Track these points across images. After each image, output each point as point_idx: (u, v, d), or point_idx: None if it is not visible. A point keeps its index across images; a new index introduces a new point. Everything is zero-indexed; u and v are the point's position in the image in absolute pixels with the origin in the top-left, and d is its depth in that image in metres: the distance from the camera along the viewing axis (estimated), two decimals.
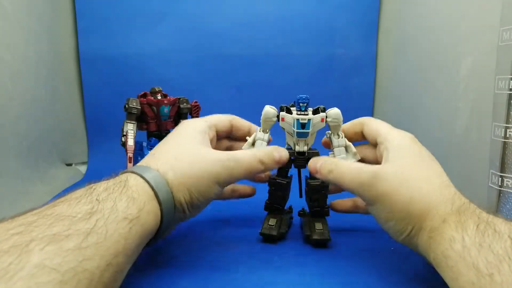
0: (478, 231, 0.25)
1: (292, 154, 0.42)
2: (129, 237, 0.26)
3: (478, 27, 0.46)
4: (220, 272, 0.34)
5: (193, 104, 0.59)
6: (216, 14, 0.79)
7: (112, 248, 0.25)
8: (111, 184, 0.29)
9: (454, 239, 0.26)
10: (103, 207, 0.26)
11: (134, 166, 0.34)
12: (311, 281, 0.33)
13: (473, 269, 0.23)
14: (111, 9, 0.76)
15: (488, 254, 0.23)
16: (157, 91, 0.56)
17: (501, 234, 0.24)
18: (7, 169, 0.50)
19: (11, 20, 0.54)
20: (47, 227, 0.22)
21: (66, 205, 0.25)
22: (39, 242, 0.21)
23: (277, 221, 0.42)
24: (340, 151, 0.41)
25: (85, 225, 0.24)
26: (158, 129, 0.57)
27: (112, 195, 0.28)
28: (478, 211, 0.27)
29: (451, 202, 0.29)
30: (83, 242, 0.23)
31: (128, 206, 0.27)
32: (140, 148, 0.55)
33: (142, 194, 0.30)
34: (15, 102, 0.54)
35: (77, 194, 0.27)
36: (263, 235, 0.41)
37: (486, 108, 0.43)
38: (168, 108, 0.55)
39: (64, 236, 0.22)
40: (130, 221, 0.27)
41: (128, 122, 0.53)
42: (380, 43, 0.82)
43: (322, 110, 0.41)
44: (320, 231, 0.40)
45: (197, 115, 0.60)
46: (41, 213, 0.24)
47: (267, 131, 0.43)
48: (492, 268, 0.22)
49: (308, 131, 0.40)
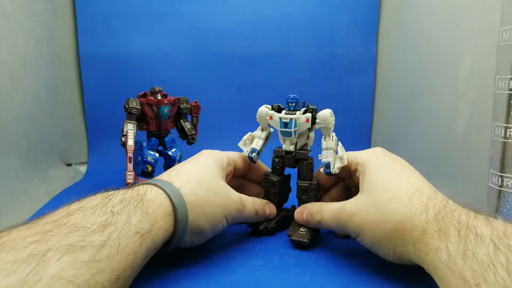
0: (460, 237, 0.25)
1: (282, 153, 0.43)
2: (139, 251, 0.27)
3: (478, 27, 0.46)
4: (220, 272, 0.34)
5: (193, 104, 0.59)
6: (216, 14, 0.79)
7: (123, 262, 0.25)
8: (127, 196, 0.29)
9: (439, 249, 0.26)
10: (117, 220, 0.26)
11: (156, 179, 0.34)
12: (311, 281, 0.33)
13: (460, 279, 0.23)
14: (111, 9, 0.76)
15: (473, 262, 0.23)
16: (157, 91, 0.56)
17: (483, 237, 0.24)
18: (7, 169, 0.50)
19: (11, 20, 0.54)
20: (62, 236, 0.23)
21: (81, 215, 0.25)
22: (55, 252, 0.21)
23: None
24: (327, 154, 0.40)
25: (99, 237, 0.24)
26: (158, 129, 0.57)
27: (127, 208, 0.28)
28: (457, 214, 0.27)
29: (424, 211, 0.29)
30: (96, 255, 0.23)
31: (141, 220, 0.28)
32: (140, 148, 0.55)
33: (158, 209, 0.30)
34: (15, 102, 0.54)
35: (92, 202, 0.27)
36: (251, 227, 0.44)
37: (486, 108, 0.43)
38: (168, 108, 0.55)
39: (79, 247, 0.23)
40: (141, 236, 0.27)
41: (128, 122, 0.53)
42: (380, 43, 0.82)
43: (311, 111, 0.41)
44: (302, 233, 0.40)
45: (197, 115, 0.60)
46: (56, 222, 0.24)
47: (265, 129, 0.45)
48: (478, 277, 0.22)
49: (290, 130, 0.41)
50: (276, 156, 0.44)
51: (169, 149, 0.57)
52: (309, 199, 0.42)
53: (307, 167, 0.42)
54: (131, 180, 0.52)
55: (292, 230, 0.41)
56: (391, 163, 0.36)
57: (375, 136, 0.84)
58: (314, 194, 0.42)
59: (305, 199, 0.42)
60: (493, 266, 0.22)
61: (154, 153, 0.55)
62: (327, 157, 0.40)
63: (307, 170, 0.42)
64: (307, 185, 0.42)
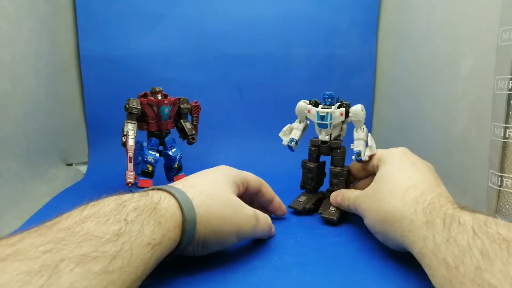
0: (445, 226, 0.28)
1: (318, 142, 0.50)
2: (149, 262, 0.27)
3: (478, 27, 0.46)
4: (220, 272, 0.34)
5: (193, 104, 0.59)
6: (216, 14, 0.79)
7: (134, 273, 0.25)
8: (141, 204, 0.29)
9: (426, 238, 0.29)
10: (131, 229, 0.26)
11: (171, 186, 0.34)
12: (311, 281, 0.33)
13: (443, 264, 0.26)
14: (111, 9, 0.76)
15: (454, 248, 0.26)
16: (158, 91, 0.56)
17: (465, 225, 0.27)
18: (7, 169, 0.50)
19: (12, 20, 0.54)
20: (75, 246, 0.23)
21: (95, 223, 0.25)
22: (68, 262, 0.21)
23: (306, 198, 0.51)
24: (358, 144, 0.47)
25: (112, 247, 0.24)
26: (158, 129, 0.57)
27: (140, 217, 0.28)
28: (445, 208, 0.30)
29: (414, 204, 0.33)
30: (109, 266, 0.23)
31: (153, 231, 0.28)
32: (140, 148, 0.55)
33: (170, 219, 0.30)
34: (15, 102, 0.54)
35: (106, 208, 0.27)
36: (291, 207, 0.50)
37: (485, 108, 0.43)
38: (169, 108, 0.55)
39: (92, 257, 0.23)
40: (152, 247, 0.27)
41: (129, 122, 0.53)
42: (380, 43, 0.82)
43: (345, 106, 0.48)
44: (332, 211, 0.47)
45: (197, 115, 0.60)
46: (69, 230, 0.24)
47: (303, 121, 0.52)
48: (458, 260, 0.25)
49: (327, 122, 0.48)
50: (312, 145, 0.51)
51: (170, 149, 0.57)
52: (339, 183, 0.49)
53: (340, 155, 0.49)
54: (132, 180, 0.52)
55: (323, 209, 0.47)
56: (404, 161, 0.40)
57: (375, 136, 0.83)
58: (344, 179, 0.49)
59: (336, 183, 0.50)
60: (470, 250, 0.25)
61: (155, 153, 0.56)
62: (358, 146, 0.47)
63: (339, 158, 0.49)
64: (338, 171, 0.49)
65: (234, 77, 0.81)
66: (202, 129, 0.62)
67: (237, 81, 0.81)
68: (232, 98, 0.81)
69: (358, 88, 0.83)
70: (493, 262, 0.23)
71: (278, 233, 0.43)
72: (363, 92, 0.84)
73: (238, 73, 0.81)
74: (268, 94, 0.60)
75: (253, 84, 0.81)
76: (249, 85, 0.81)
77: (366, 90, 0.84)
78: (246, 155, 0.76)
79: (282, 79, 0.81)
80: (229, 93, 0.81)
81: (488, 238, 0.24)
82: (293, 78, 0.81)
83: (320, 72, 0.82)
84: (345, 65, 0.83)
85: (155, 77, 0.78)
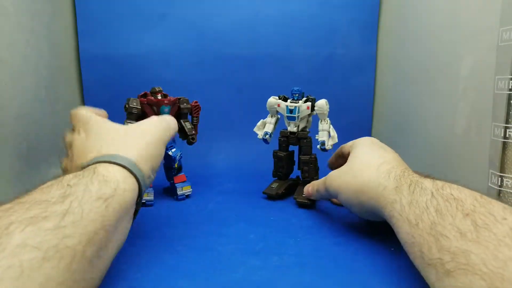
0: (410, 191, 0.32)
1: (287, 133, 0.57)
2: (106, 214, 0.28)
3: (478, 27, 0.46)
4: (220, 272, 0.34)
5: (193, 104, 0.59)
6: (216, 14, 0.79)
7: (90, 225, 0.26)
8: (80, 173, 0.30)
9: (395, 201, 0.33)
10: (76, 190, 0.27)
11: (94, 158, 0.34)
12: (311, 281, 0.33)
13: (407, 222, 0.31)
14: (111, 9, 0.76)
15: (415, 208, 0.30)
16: (157, 91, 0.56)
17: (426, 190, 0.31)
18: (7, 169, 0.50)
19: (12, 20, 0.54)
20: (24, 211, 0.23)
21: (39, 193, 0.26)
22: (18, 224, 0.22)
23: (278, 184, 0.56)
24: (323, 134, 0.54)
25: (60, 207, 0.25)
26: None
27: (82, 180, 0.29)
28: (411, 176, 0.35)
29: (387, 173, 0.37)
30: (61, 222, 0.24)
31: (100, 188, 0.29)
32: None
33: (115, 175, 0.31)
34: (15, 102, 0.54)
35: (47, 184, 0.28)
36: (265, 193, 0.55)
37: (486, 108, 0.43)
38: (168, 108, 0.55)
39: (41, 217, 0.23)
40: (105, 200, 0.28)
41: (128, 122, 0.53)
42: (380, 43, 0.82)
43: (311, 100, 0.54)
44: (305, 196, 0.51)
45: (197, 115, 0.60)
46: (15, 201, 0.25)
47: (274, 115, 0.58)
48: (417, 218, 0.30)
49: (295, 115, 0.54)
50: (282, 136, 0.57)
51: (169, 149, 0.57)
52: (309, 170, 0.55)
53: (307, 144, 0.55)
54: None
55: (297, 194, 0.53)
56: (374, 144, 0.45)
57: (375, 136, 0.83)
58: (314, 165, 0.55)
59: (307, 170, 0.55)
60: (428, 209, 0.29)
61: None
62: (322, 136, 0.54)
63: (307, 147, 0.55)
64: (307, 158, 0.55)
65: (234, 77, 0.81)
66: (202, 129, 0.62)
67: (237, 81, 0.81)
68: (232, 98, 0.81)
69: (358, 88, 0.83)
70: (444, 217, 0.27)
71: (278, 233, 0.43)
72: (363, 92, 0.84)
73: (238, 73, 0.81)
74: (268, 94, 0.60)
75: (253, 84, 0.81)
76: (249, 85, 0.81)
77: (366, 90, 0.84)
78: (246, 155, 0.76)
79: (282, 79, 0.81)
80: (229, 93, 0.81)
81: (442, 198, 0.29)
82: (293, 78, 0.81)
83: (320, 72, 0.82)
84: (345, 65, 0.83)
85: (155, 77, 0.78)
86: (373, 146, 0.44)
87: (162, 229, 0.44)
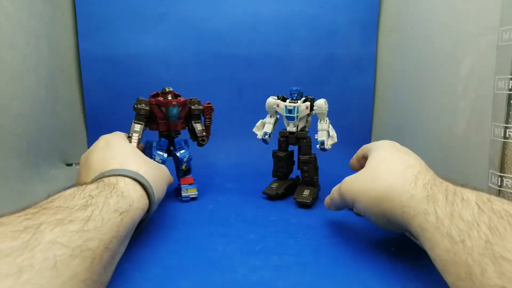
0: (448, 201, 0.28)
1: (286, 133, 0.56)
2: (120, 226, 0.30)
3: (478, 27, 0.46)
4: (220, 272, 0.34)
5: (205, 106, 0.57)
6: (216, 14, 0.79)
7: (108, 233, 0.28)
8: (101, 185, 0.32)
9: (427, 212, 0.29)
10: (97, 201, 0.29)
11: (116, 170, 0.37)
12: (311, 281, 0.33)
13: (447, 237, 0.26)
14: (111, 9, 0.76)
15: (458, 222, 0.26)
16: (168, 91, 0.54)
17: (469, 201, 0.27)
18: (7, 169, 0.50)
19: (12, 20, 0.54)
20: (51, 214, 0.25)
21: (63, 200, 0.28)
22: (47, 225, 0.24)
23: (278, 185, 0.56)
24: (322, 134, 0.53)
25: (83, 213, 0.27)
26: (167, 130, 0.55)
27: (103, 193, 0.31)
28: (446, 184, 0.30)
29: (414, 180, 0.32)
30: (84, 226, 0.26)
31: (118, 201, 0.31)
32: (149, 148, 0.54)
33: (132, 192, 0.35)
34: (15, 102, 0.54)
35: (69, 191, 0.30)
36: (265, 193, 0.55)
37: (485, 108, 0.43)
38: (177, 109, 0.54)
39: (68, 221, 0.25)
40: (120, 213, 0.31)
41: (136, 122, 0.52)
42: (380, 43, 0.82)
43: (310, 100, 0.54)
44: (305, 196, 0.52)
45: (210, 116, 0.58)
46: (41, 207, 0.26)
47: (273, 115, 0.58)
48: (463, 234, 0.25)
49: (294, 115, 0.54)
50: (281, 136, 0.57)
51: (178, 150, 0.56)
52: (309, 170, 0.54)
53: (306, 144, 0.55)
54: None
55: (297, 194, 0.53)
56: (393, 148, 0.41)
57: (375, 136, 0.84)
58: (313, 165, 0.54)
59: (306, 170, 0.55)
60: (477, 225, 0.25)
61: (163, 153, 0.54)
62: (322, 136, 0.53)
63: (306, 147, 0.55)
64: (307, 158, 0.54)
65: (234, 77, 0.81)
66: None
67: (237, 81, 0.81)
68: (231, 98, 0.81)
69: (358, 88, 0.83)
70: (503, 237, 0.23)
71: (278, 233, 0.43)
72: (363, 92, 0.84)
73: (238, 73, 0.81)
74: (268, 94, 0.60)
75: (253, 84, 0.81)
76: (249, 85, 0.81)
77: (366, 90, 0.84)
78: (246, 155, 0.76)
79: (282, 79, 0.81)
80: (229, 93, 0.81)
81: (494, 214, 0.25)
82: (293, 78, 0.81)
83: (320, 72, 0.82)
84: (345, 65, 0.83)
85: (155, 77, 0.78)
86: (394, 149, 0.40)
87: (162, 229, 0.44)
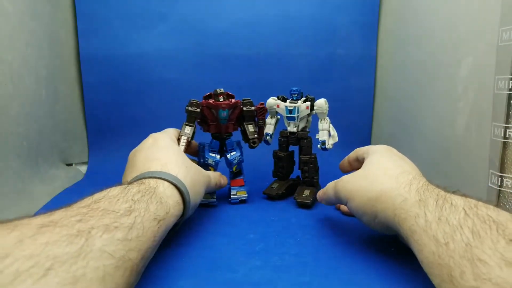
0: (438, 206, 0.29)
1: (287, 134, 0.56)
2: (157, 234, 0.31)
3: (478, 27, 0.46)
4: (220, 272, 0.34)
5: (258, 107, 0.55)
6: (217, 14, 0.79)
7: (147, 243, 0.29)
8: (143, 188, 0.33)
9: (418, 215, 0.30)
10: (139, 207, 0.30)
11: (157, 172, 0.37)
12: (311, 281, 0.33)
13: (433, 240, 0.27)
14: (111, 9, 0.76)
15: (445, 226, 0.27)
16: (219, 93, 0.53)
17: (457, 206, 0.28)
18: (7, 169, 0.50)
19: (12, 20, 0.54)
20: (99, 218, 0.26)
21: (107, 202, 0.28)
22: (97, 230, 0.24)
23: (279, 185, 0.56)
24: (323, 134, 0.53)
25: (127, 220, 0.28)
26: (218, 131, 0.54)
27: (144, 198, 0.32)
28: (437, 190, 0.32)
29: (408, 184, 0.34)
30: (128, 235, 0.26)
31: (157, 208, 0.32)
32: (202, 150, 0.54)
33: (169, 199, 0.35)
34: (15, 102, 0.54)
35: (114, 192, 0.31)
36: (265, 194, 0.55)
37: (486, 108, 0.43)
38: (226, 111, 0.52)
39: (113, 227, 0.26)
40: (158, 222, 0.31)
41: (187, 124, 0.51)
42: (380, 43, 0.82)
43: (310, 100, 0.54)
44: (305, 196, 0.52)
45: (263, 117, 0.56)
46: (89, 207, 0.27)
47: (273, 116, 0.57)
48: (448, 237, 0.26)
49: (294, 115, 0.54)
50: (282, 136, 0.57)
51: (229, 152, 0.55)
52: (310, 170, 0.54)
53: (307, 144, 0.55)
54: None
55: (297, 194, 0.53)
56: (390, 153, 0.42)
57: (375, 136, 0.84)
58: (314, 165, 0.54)
59: (307, 170, 0.54)
60: (461, 228, 0.26)
61: (215, 155, 0.54)
62: (322, 136, 0.53)
63: (307, 147, 0.55)
64: (307, 158, 0.54)
65: (234, 77, 0.81)
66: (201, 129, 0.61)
67: (237, 81, 0.81)
68: None
69: (358, 88, 0.83)
70: (483, 240, 0.24)
71: (278, 233, 0.43)
72: (363, 92, 0.84)
73: (238, 73, 0.81)
74: (268, 94, 0.60)
75: (253, 84, 0.81)
76: (249, 85, 0.81)
77: (366, 90, 0.84)
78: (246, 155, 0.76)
79: (282, 79, 0.81)
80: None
81: (478, 219, 0.26)
82: (293, 78, 0.81)
83: (320, 72, 0.82)
84: (345, 65, 0.83)
85: (155, 77, 0.78)
86: (391, 154, 0.41)
87: None
